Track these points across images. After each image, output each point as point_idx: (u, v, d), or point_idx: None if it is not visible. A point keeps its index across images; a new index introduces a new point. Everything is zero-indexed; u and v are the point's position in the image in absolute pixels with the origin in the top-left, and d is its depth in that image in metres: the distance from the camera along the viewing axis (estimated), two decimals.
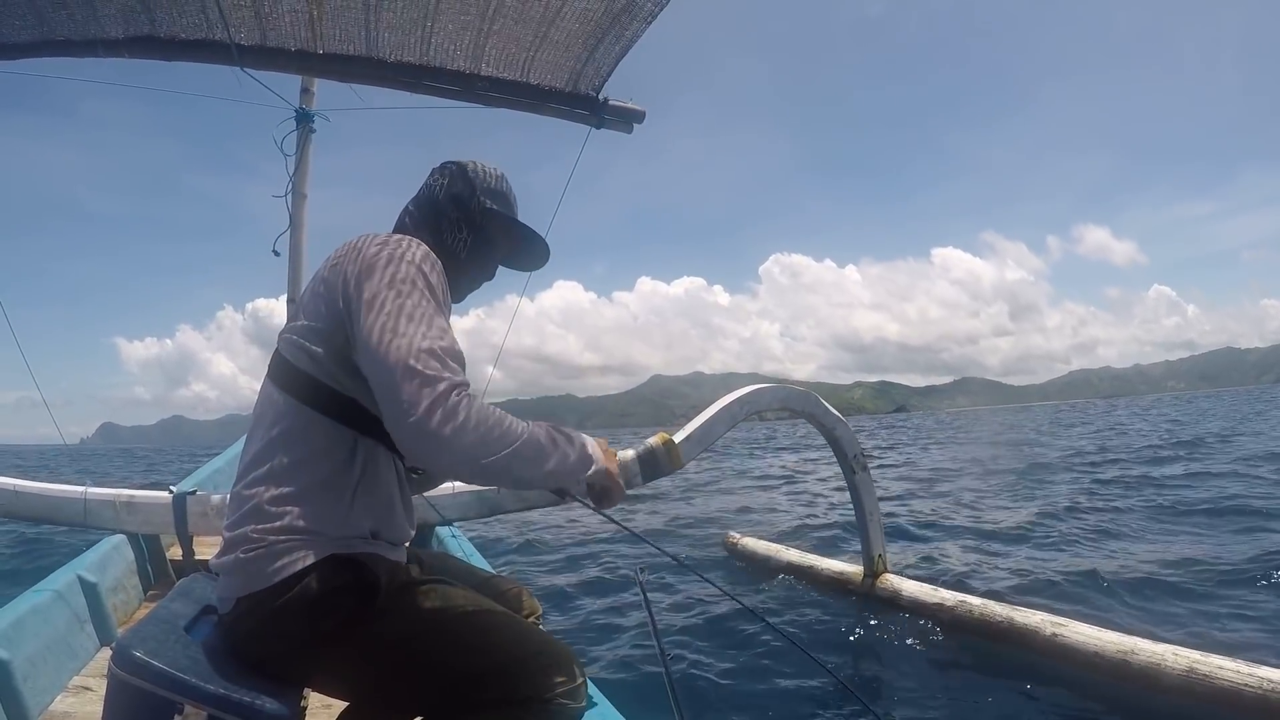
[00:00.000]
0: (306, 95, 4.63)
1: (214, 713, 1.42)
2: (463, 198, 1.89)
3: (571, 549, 8.69)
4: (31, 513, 3.92)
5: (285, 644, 1.53)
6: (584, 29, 3.46)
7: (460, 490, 4.19)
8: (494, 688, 1.56)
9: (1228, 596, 5.61)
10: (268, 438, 1.60)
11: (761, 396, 4.63)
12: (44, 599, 2.98)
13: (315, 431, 1.59)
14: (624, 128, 3.99)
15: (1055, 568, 6.70)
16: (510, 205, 1.97)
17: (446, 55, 3.68)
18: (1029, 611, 4.51)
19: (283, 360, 1.65)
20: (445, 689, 1.57)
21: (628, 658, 4.78)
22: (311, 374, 1.60)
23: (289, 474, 1.56)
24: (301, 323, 1.64)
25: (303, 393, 1.60)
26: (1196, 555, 6.89)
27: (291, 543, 1.53)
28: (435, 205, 1.90)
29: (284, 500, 1.55)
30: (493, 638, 1.60)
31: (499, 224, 1.94)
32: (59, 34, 3.47)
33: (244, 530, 1.55)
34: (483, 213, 1.90)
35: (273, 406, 1.63)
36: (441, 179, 1.93)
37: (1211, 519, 8.77)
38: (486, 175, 1.95)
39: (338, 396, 1.60)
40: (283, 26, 3.53)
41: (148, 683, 1.42)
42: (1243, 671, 3.57)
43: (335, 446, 1.59)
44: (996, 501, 11.19)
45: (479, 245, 1.91)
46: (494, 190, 1.94)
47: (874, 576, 5.26)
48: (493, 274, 2.01)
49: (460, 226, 1.88)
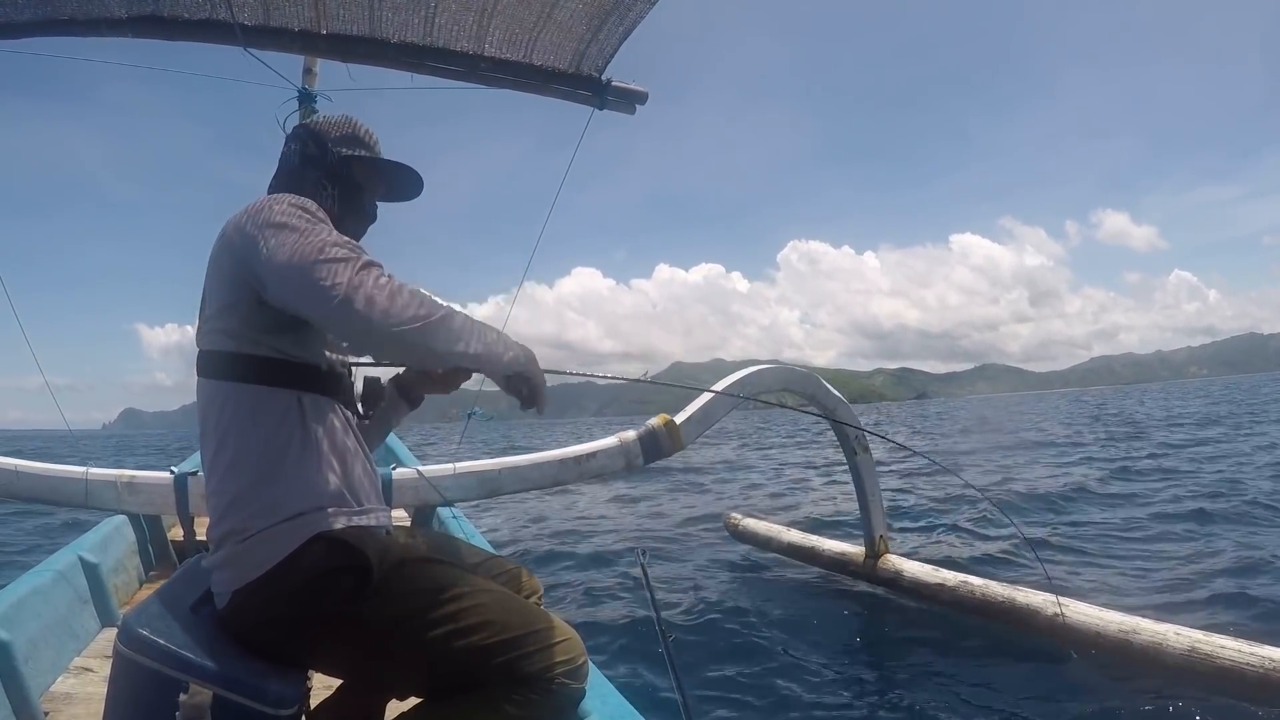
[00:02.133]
0: (309, 75, 4.61)
1: (220, 691, 1.43)
2: (316, 157, 1.90)
3: (571, 531, 8.70)
4: (32, 493, 3.91)
5: (283, 629, 1.54)
6: (588, 10, 3.45)
7: (461, 471, 4.19)
8: (493, 666, 1.57)
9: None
10: (218, 430, 1.61)
11: (762, 378, 4.63)
12: (45, 580, 2.98)
13: (259, 406, 1.60)
14: (627, 109, 3.98)
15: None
16: (366, 144, 1.97)
17: (450, 35, 3.66)
18: (1031, 591, 4.52)
19: (206, 354, 1.65)
20: (444, 668, 1.58)
21: (629, 638, 4.79)
22: (235, 350, 1.61)
23: (249, 456, 1.57)
24: (209, 311, 1.65)
25: (234, 371, 1.61)
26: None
27: (276, 529, 1.53)
28: (293, 170, 1.91)
29: (255, 484, 1.55)
30: (491, 616, 1.60)
31: (360, 168, 1.95)
32: (62, 13, 3.46)
33: (227, 526, 1.56)
34: (340, 163, 1.91)
35: (212, 400, 1.63)
36: (293, 145, 1.94)
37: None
38: (333, 125, 1.96)
39: (267, 361, 1.61)
40: (286, 6, 3.51)
41: (153, 661, 1.44)
42: (1244, 651, 3.59)
43: (283, 412, 1.60)
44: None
45: (348, 195, 1.92)
46: (345, 137, 1.94)
47: (875, 557, 5.27)
48: (374, 215, 2.02)
49: (323, 185, 1.89)
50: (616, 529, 8.83)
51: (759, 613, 5.26)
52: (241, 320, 1.59)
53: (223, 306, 1.61)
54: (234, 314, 1.60)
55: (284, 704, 1.47)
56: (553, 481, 4.25)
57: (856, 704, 3.92)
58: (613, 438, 4.31)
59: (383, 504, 1.77)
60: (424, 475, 4.07)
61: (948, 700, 3.87)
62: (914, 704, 3.84)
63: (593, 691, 1.93)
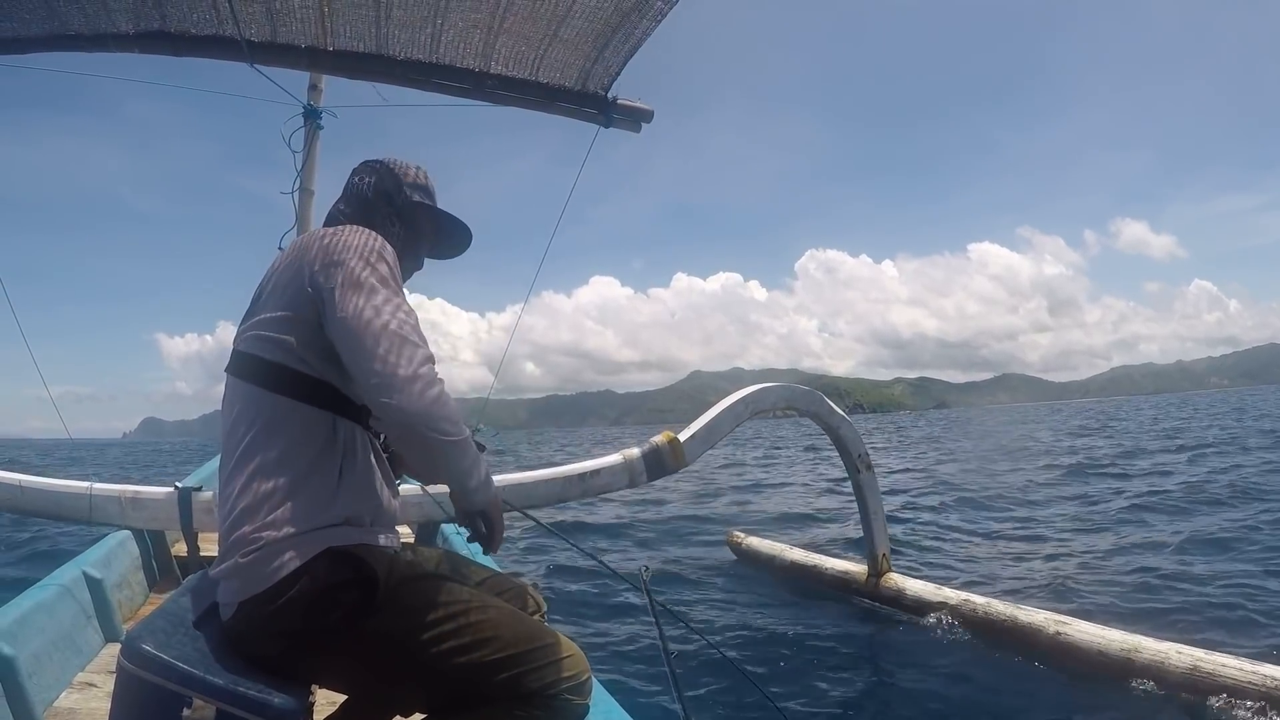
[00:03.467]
0: (314, 92, 4.63)
1: (223, 707, 1.42)
2: (390, 193, 1.95)
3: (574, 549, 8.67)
4: (37, 508, 3.91)
5: (288, 642, 1.53)
6: (593, 28, 3.46)
7: None
8: (497, 683, 1.56)
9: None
10: (248, 435, 1.60)
11: (766, 396, 4.64)
12: (49, 595, 2.97)
13: (294, 420, 1.59)
14: (632, 127, 3.99)
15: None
16: (433, 197, 2.04)
17: (456, 53, 3.67)
18: (1032, 610, 4.52)
19: (249, 356, 1.64)
20: (448, 683, 1.58)
21: (632, 655, 4.78)
22: (283, 362, 1.60)
23: (276, 467, 1.56)
24: (264, 316, 1.64)
25: (277, 383, 1.60)
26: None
27: (286, 541, 1.52)
28: (366, 203, 1.94)
29: (274, 495, 1.55)
30: (495, 633, 1.60)
31: (425, 215, 2.00)
32: (70, 28, 3.47)
33: (240, 533, 1.55)
34: (410, 206, 1.96)
35: (247, 403, 1.63)
36: (368, 177, 1.97)
37: None
38: (409, 171, 2.00)
39: (312, 380, 1.60)
40: (293, 23, 3.53)
41: (157, 676, 1.43)
42: (1245, 669, 3.59)
43: (315, 432, 1.60)
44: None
45: (409, 238, 1.96)
46: (417, 184, 1.99)
47: (878, 575, 5.26)
48: (421, 264, 2.07)
49: (392, 221, 1.93)
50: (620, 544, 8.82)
51: (761, 630, 5.25)
52: (299, 336, 1.60)
53: (282, 318, 1.61)
54: (291, 328, 1.60)
55: (287, 718, 1.47)
56: (557, 499, 4.24)
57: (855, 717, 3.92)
58: (616, 455, 4.31)
59: (394, 526, 1.77)
60: (428, 492, 4.07)
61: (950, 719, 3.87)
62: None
63: (596, 708, 1.93)
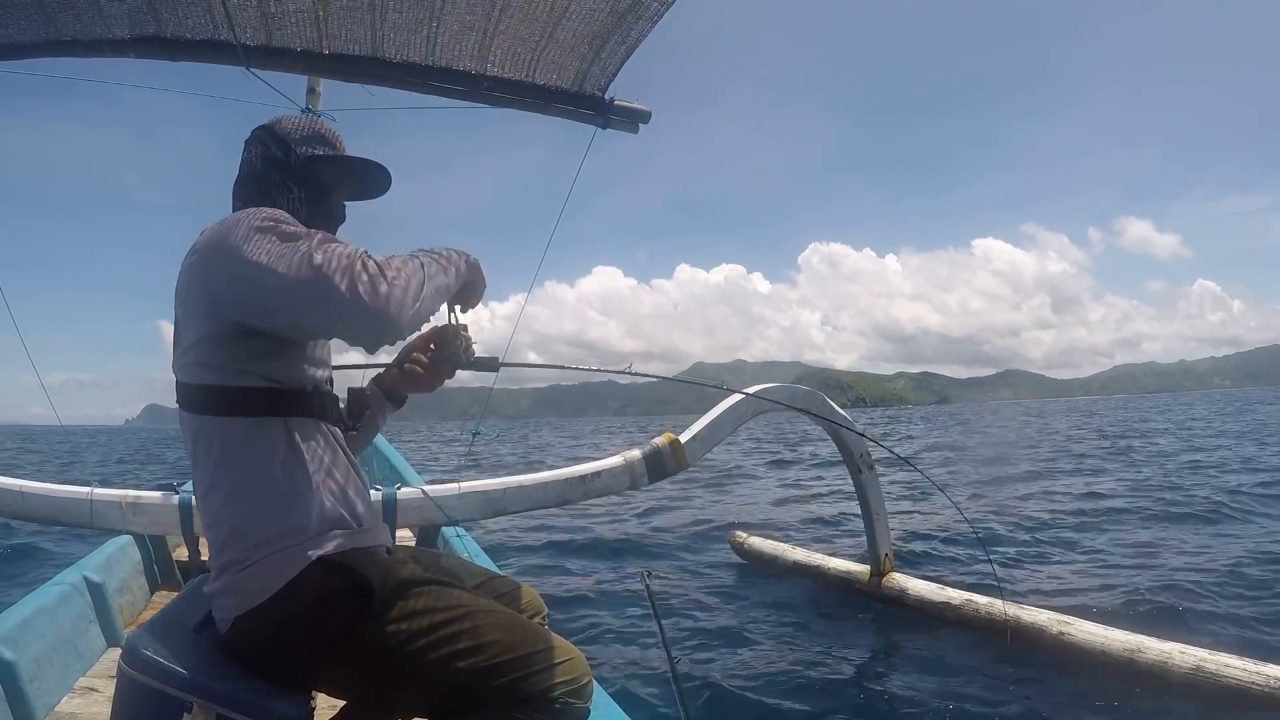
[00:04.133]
0: (312, 95, 4.62)
1: (223, 712, 1.43)
2: (279, 159, 1.83)
3: (576, 550, 8.68)
4: (38, 514, 3.92)
5: (286, 652, 1.53)
6: (590, 29, 3.45)
7: (465, 491, 4.18)
8: (495, 687, 1.55)
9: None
10: (209, 467, 1.58)
11: (769, 396, 4.62)
12: (50, 599, 2.98)
13: (249, 438, 1.57)
14: (630, 128, 3.97)
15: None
16: (331, 143, 1.90)
17: (452, 55, 3.66)
18: (1035, 610, 4.51)
19: (188, 387, 1.60)
20: (446, 689, 1.57)
21: (634, 657, 4.78)
22: (219, 383, 1.57)
23: (247, 490, 1.55)
24: (189, 341, 1.59)
25: (219, 405, 1.57)
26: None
27: (276, 555, 1.52)
28: (257, 178, 1.83)
29: (251, 515, 1.54)
30: (492, 637, 1.59)
31: (328, 167, 1.88)
32: (65, 34, 3.47)
33: (227, 557, 1.55)
34: (306, 163, 1.84)
35: (200, 434, 1.60)
36: (255, 148, 1.86)
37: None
38: (296, 125, 1.89)
39: (251, 392, 1.57)
40: (288, 26, 3.52)
41: (157, 681, 1.44)
42: (1249, 669, 3.58)
43: (272, 441, 1.57)
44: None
45: (315, 196, 1.85)
46: (309, 137, 1.87)
47: (880, 575, 5.25)
48: (343, 216, 1.96)
49: (289, 187, 1.82)
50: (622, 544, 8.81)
51: (764, 631, 5.25)
52: (222, 351, 1.55)
53: (200, 338, 1.57)
54: (214, 345, 1.56)
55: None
56: (558, 501, 4.24)
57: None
58: (617, 456, 4.30)
59: (379, 520, 1.76)
60: (429, 494, 4.07)
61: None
62: None
63: (597, 711, 1.92)
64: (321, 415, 1.69)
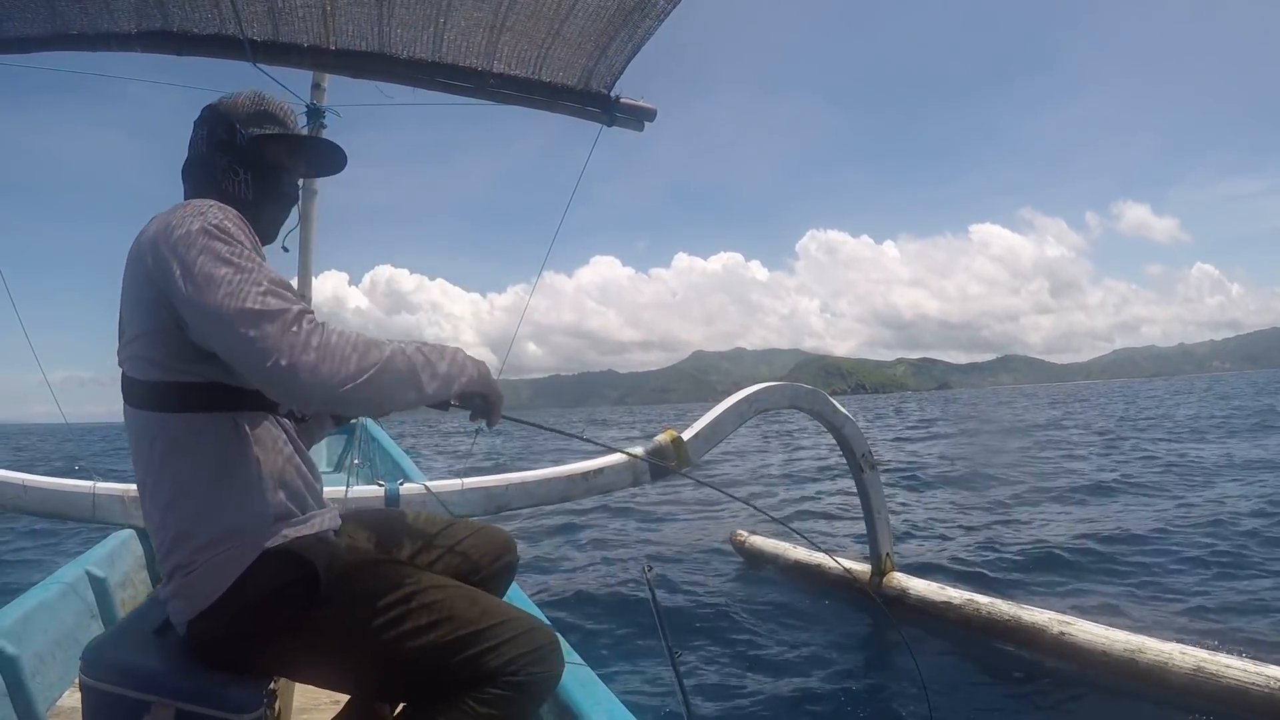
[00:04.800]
0: (318, 91, 4.63)
1: (182, 706, 1.44)
2: (225, 140, 1.77)
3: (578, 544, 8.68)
4: (40, 508, 3.91)
5: (241, 646, 1.53)
6: (596, 26, 3.46)
7: (468, 487, 4.18)
8: (454, 665, 1.53)
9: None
10: (153, 461, 1.55)
11: (770, 395, 4.63)
12: (52, 594, 2.97)
13: (194, 434, 1.53)
14: (635, 126, 3.98)
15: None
16: (280, 121, 1.85)
17: (459, 52, 3.67)
18: (1036, 610, 4.51)
19: (132, 381, 1.58)
20: (402, 670, 1.55)
21: (635, 652, 4.79)
22: (163, 379, 1.53)
23: (189, 487, 1.53)
24: (132, 335, 1.57)
25: (165, 402, 1.54)
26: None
27: (221, 556, 1.51)
28: (204, 161, 1.78)
29: (199, 515, 1.52)
30: (443, 614, 1.56)
31: (276, 147, 1.83)
32: (72, 27, 3.47)
33: (175, 560, 1.54)
34: (253, 144, 1.78)
35: (142, 432, 1.57)
36: (200, 129, 1.80)
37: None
38: (242, 104, 1.82)
39: (197, 388, 1.53)
40: (295, 22, 3.52)
41: (115, 686, 1.46)
42: (1250, 670, 3.59)
43: (219, 438, 1.54)
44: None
45: (264, 176, 1.80)
46: (256, 115, 1.81)
47: (881, 575, 5.26)
48: (295, 196, 1.91)
49: (235, 170, 1.77)
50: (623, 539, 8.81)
51: (764, 628, 5.25)
52: (165, 348, 1.52)
53: (143, 332, 1.54)
54: (156, 341, 1.53)
55: (246, 709, 1.48)
56: (560, 497, 4.24)
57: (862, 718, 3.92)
58: (620, 454, 4.31)
59: (324, 504, 1.73)
60: (431, 490, 4.07)
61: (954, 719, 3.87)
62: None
63: (598, 705, 1.93)
64: (271, 408, 1.65)
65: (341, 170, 2.02)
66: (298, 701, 2.61)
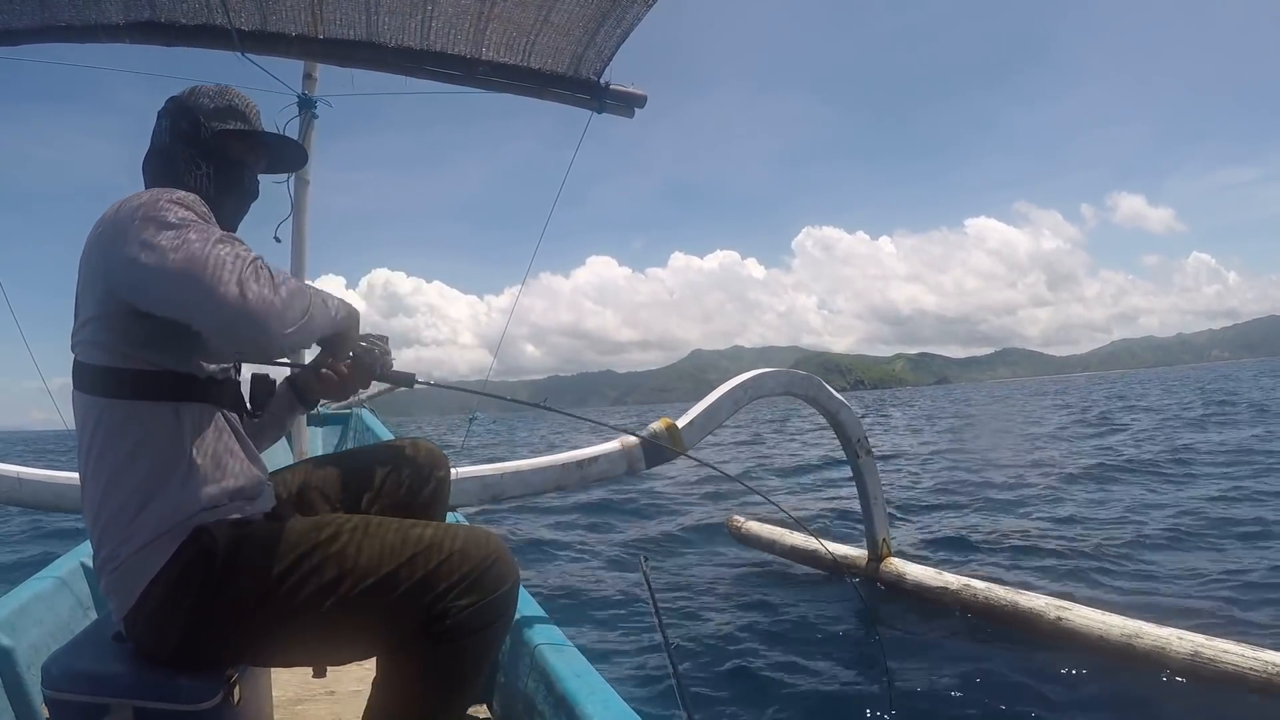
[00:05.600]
0: (308, 80, 4.61)
1: (138, 704, 1.46)
2: (188, 133, 1.78)
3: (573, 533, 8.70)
4: (35, 500, 3.92)
5: (182, 640, 1.50)
6: (584, 12, 3.45)
7: (462, 476, 4.17)
8: (388, 611, 1.50)
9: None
10: (92, 450, 1.54)
11: (765, 381, 4.62)
12: (47, 586, 2.98)
13: (133, 422, 1.53)
14: (625, 112, 3.97)
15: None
16: (243, 116, 1.86)
17: (447, 39, 3.66)
18: (1033, 595, 4.51)
19: (81, 365, 1.57)
20: (336, 629, 1.53)
21: (631, 642, 4.79)
22: (109, 364, 1.53)
23: (125, 475, 1.51)
24: (84, 318, 1.57)
25: (108, 386, 1.53)
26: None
27: (145, 550, 1.49)
28: (166, 152, 1.79)
29: (128, 505, 1.50)
30: (352, 562, 1.51)
31: (238, 142, 1.84)
32: (60, 19, 3.47)
33: (105, 552, 1.52)
34: (215, 138, 1.79)
35: (86, 416, 1.56)
36: (164, 120, 1.80)
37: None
38: (206, 98, 1.82)
39: (143, 375, 1.53)
40: (283, 11, 3.52)
41: (72, 694, 1.47)
42: (1247, 655, 3.58)
43: (157, 427, 1.53)
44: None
45: (225, 171, 1.81)
46: (220, 110, 1.82)
47: (878, 560, 5.25)
48: (256, 191, 1.92)
49: (196, 163, 1.77)
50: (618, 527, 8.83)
51: (761, 616, 5.25)
52: (112, 333, 1.52)
53: (93, 317, 1.53)
54: (104, 326, 1.52)
55: (200, 698, 1.49)
56: (555, 486, 4.23)
57: (858, 708, 3.91)
58: (614, 442, 4.29)
59: (259, 499, 1.71)
60: None
61: (950, 704, 3.86)
62: (916, 707, 3.83)
63: (594, 695, 1.93)
64: (217, 402, 1.65)
65: (301, 167, 2.02)
66: (291, 693, 2.63)
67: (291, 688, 2.65)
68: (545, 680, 2.17)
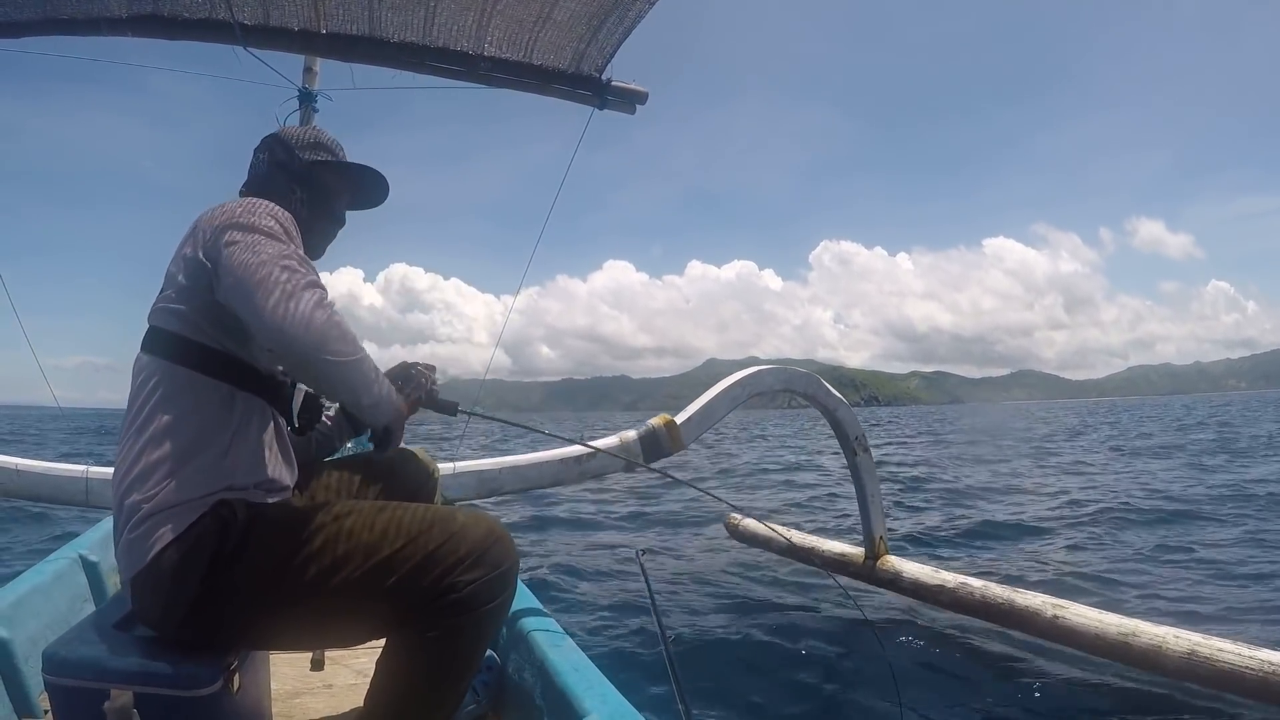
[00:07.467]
0: (309, 75, 4.60)
1: (138, 689, 1.45)
2: (284, 163, 1.96)
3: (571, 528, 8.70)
4: (34, 492, 3.92)
5: (185, 610, 1.52)
6: (587, 9, 3.45)
7: (461, 470, 4.18)
8: (388, 594, 1.53)
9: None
10: (146, 406, 1.61)
11: (763, 378, 4.63)
12: (45, 578, 2.97)
13: (190, 391, 1.61)
14: (627, 108, 3.97)
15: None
16: (332, 150, 2.03)
17: (449, 35, 3.67)
18: (1030, 593, 4.51)
19: (154, 329, 1.67)
20: (336, 611, 1.56)
21: (628, 637, 4.79)
22: (181, 333, 1.63)
23: (165, 436, 1.57)
24: (167, 290, 1.67)
25: (175, 353, 1.63)
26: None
27: (165, 514, 1.53)
28: (263, 179, 1.96)
29: (160, 465, 1.55)
30: (356, 544, 1.55)
31: (328, 172, 2.00)
32: (63, 12, 3.47)
33: (128, 502, 1.56)
34: (307, 168, 1.96)
35: (148, 375, 1.64)
36: (262, 154, 1.99)
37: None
38: (300, 134, 2.03)
39: (210, 351, 1.63)
40: (285, 5, 3.52)
41: (74, 680, 1.48)
42: (1243, 654, 3.58)
43: (209, 402, 1.62)
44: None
45: (317, 198, 1.97)
46: (312, 143, 2.00)
47: (875, 558, 5.25)
48: (342, 219, 2.06)
49: (292, 189, 1.94)
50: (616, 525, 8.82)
51: (758, 612, 5.26)
52: (194, 308, 1.62)
53: (180, 289, 1.63)
54: (188, 299, 1.62)
55: (200, 683, 1.49)
56: (553, 481, 4.24)
57: (855, 705, 3.92)
58: (613, 437, 4.30)
59: (281, 494, 1.75)
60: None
61: (946, 701, 3.87)
62: (913, 705, 3.83)
63: (591, 689, 1.93)
64: (271, 399, 1.73)
65: (383, 201, 2.18)
66: (289, 685, 2.62)
67: (289, 680, 2.65)
68: (542, 673, 2.17)
